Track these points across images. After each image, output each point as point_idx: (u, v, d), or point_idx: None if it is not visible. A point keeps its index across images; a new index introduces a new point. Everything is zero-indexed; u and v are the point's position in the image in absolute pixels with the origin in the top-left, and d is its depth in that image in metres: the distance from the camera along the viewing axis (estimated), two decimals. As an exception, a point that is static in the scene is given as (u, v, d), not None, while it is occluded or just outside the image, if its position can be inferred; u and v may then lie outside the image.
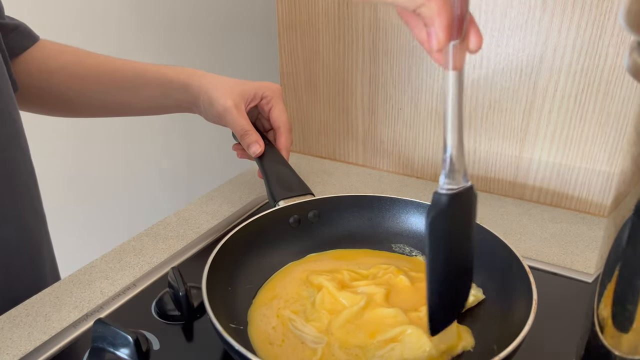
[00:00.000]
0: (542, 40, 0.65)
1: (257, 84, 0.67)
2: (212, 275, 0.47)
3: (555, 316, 0.50)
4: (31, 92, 0.66)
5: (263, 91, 0.67)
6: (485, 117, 0.73)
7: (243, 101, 0.65)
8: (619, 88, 0.64)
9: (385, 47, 0.75)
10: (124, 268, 0.61)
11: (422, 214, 0.59)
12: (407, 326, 0.46)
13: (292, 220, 0.58)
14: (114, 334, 0.46)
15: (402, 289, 0.52)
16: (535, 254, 0.63)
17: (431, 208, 0.39)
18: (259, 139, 0.65)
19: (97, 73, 0.68)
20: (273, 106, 0.67)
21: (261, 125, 0.71)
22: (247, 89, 0.66)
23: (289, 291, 0.52)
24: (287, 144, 0.67)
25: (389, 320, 0.47)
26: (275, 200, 0.60)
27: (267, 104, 0.67)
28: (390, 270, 0.53)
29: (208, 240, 0.65)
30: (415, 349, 0.44)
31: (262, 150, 0.64)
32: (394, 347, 0.44)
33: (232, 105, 0.63)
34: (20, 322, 0.53)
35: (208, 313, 0.42)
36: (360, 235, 0.59)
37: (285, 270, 0.56)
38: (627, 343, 0.33)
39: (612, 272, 0.34)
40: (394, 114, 0.79)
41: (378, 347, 0.45)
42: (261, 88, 0.67)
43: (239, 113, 0.64)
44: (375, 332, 0.46)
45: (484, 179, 0.76)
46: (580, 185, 0.71)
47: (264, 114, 0.69)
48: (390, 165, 0.83)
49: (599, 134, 0.67)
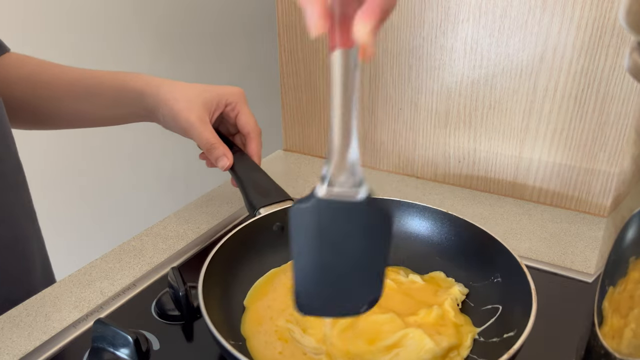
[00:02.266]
0: (542, 40, 0.65)
1: (219, 91, 0.64)
2: (207, 293, 0.45)
3: (555, 316, 0.50)
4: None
5: (226, 98, 0.64)
6: (486, 117, 0.73)
7: (207, 112, 0.63)
8: (619, 88, 0.64)
9: (385, 47, 0.75)
10: (124, 268, 0.61)
11: (409, 214, 0.58)
12: (407, 330, 0.46)
13: (275, 228, 0.57)
14: (113, 334, 0.46)
15: (389, 293, 0.51)
16: (536, 254, 0.63)
17: (297, 209, 0.34)
18: (227, 152, 0.62)
19: (54, 82, 0.66)
20: (239, 112, 0.65)
21: (225, 130, 0.69)
22: (209, 98, 0.63)
23: (279, 302, 0.51)
24: (258, 150, 0.65)
25: (386, 326, 0.47)
26: (255, 208, 0.58)
27: (233, 110, 0.65)
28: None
29: (208, 240, 0.65)
30: (419, 351, 0.44)
31: (231, 163, 0.62)
32: (398, 353, 0.44)
33: (196, 119, 0.61)
34: (21, 322, 0.53)
35: (213, 334, 0.41)
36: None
37: (270, 277, 0.54)
38: (627, 344, 0.33)
39: (612, 272, 0.34)
40: (394, 114, 0.79)
41: (381, 354, 0.44)
42: (224, 95, 0.64)
43: (203, 126, 0.61)
44: (374, 339, 0.46)
45: (484, 179, 0.76)
46: (581, 186, 0.71)
47: (229, 120, 0.67)
48: (390, 165, 0.83)
49: (599, 134, 0.67)
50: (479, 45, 0.69)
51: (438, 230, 0.57)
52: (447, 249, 0.56)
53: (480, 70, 0.70)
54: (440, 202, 0.74)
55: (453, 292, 0.52)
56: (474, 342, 0.47)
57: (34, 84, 0.66)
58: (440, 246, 0.56)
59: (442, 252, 0.56)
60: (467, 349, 0.46)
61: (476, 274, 0.53)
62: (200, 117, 0.61)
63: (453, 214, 0.56)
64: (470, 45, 0.70)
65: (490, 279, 0.52)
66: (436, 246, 0.57)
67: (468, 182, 0.78)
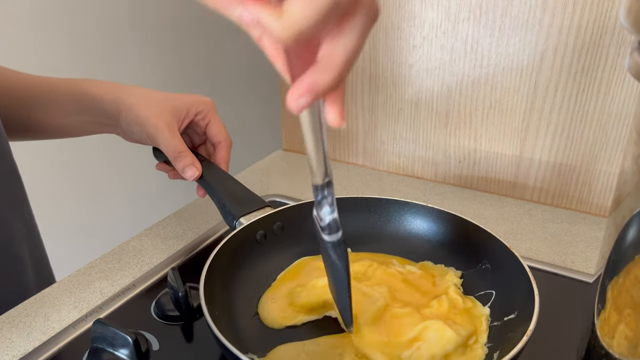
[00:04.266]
0: (542, 39, 0.65)
1: (188, 99, 0.62)
2: (210, 306, 0.44)
3: (556, 317, 0.50)
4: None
5: (197, 106, 0.62)
6: (486, 117, 0.72)
7: (175, 120, 0.60)
8: (619, 88, 0.63)
9: (385, 47, 0.75)
10: (123, 268, 0.60)
11: (390, 211, 0.59)
12: (427, 322, 0.46)
13: (258, 237, 0.56)
14: (113, 335, 0.46)
15: (397, 285, 0.52)
16: (536, 254, 0.63)
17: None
18: (195, 161, 0.59)
19: (13, 89, 0.64)
20: (210, 121, 0.63)
21: (189, 141, 0.66)
22: (178, 106, 0.60)
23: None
24: (227, 159, 0.63)
25: (405, 319, 0.47)
26: (235, 217, 0.56)
27: (203, 119, 0.63)
28: (375, 267, 0.54)
29: (208, 240, 0.65)
30: (441, 341, 0.45)
31: (200, 173, 0.59)
32: (420, 346, 0.45)
33: (165, 125, 0.58)
34: (20, 322, 0.53)
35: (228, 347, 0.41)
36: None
37: (274, 288, 0.54)
38: (628, 344, 0.33)
39: (613, 272, 0.34)
40: (394, 114, 0.79)
41: (405, 348, 0.45)
42: (194, 103, 0.62)
43: (171, 133, 0.58)
44: (397, 333, 0.46)
45: (485, 179, 0.76)
46: (581, 186, 0.70)
47: (198, 130, 0.65)
48: (390, 165, 0.83)
49: (600, 134, 0.67)
50: (479, 44, 0.69)
51: (424, 224, 0.58)
52: (433, 240, 0.57)
53: (481, 69, 0.70)
54: (440, 202, 0.74)
55: (450, 278, 0.53)
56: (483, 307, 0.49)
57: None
58: (425, 238, 0.58)
59: (428, 244, 0.57)
60: (485, 333, 0.47)
61: (464, 262, 0.55)
62: (168, 124, 0.59)
63: (435, 207, 0.57)
64: (470, 44, 0.69)
65: (478, 266, 0.53)
66: (421, 238, 0.58)
67: (468, 182, 0.78)
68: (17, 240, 0.61)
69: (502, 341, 0.45)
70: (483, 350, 0.45)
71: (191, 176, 0.59)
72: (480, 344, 0.46)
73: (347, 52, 0.29)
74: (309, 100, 0.28)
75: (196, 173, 0.59)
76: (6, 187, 0.59)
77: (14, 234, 0.60)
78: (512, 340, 0.41)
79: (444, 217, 0.57)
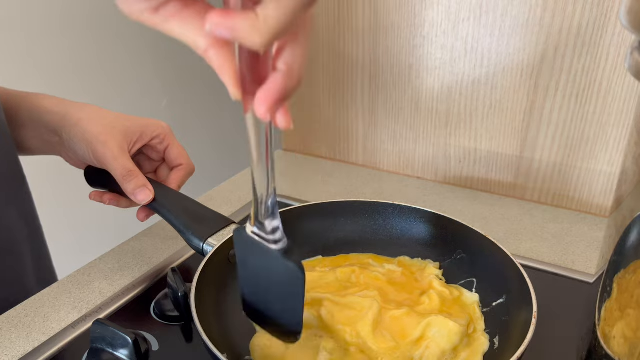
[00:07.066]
0: (543, 39, 0.65)
1: (142, 122, 0.58)
2: (205, 328, 0.42)
3: (556, 317, 0.50)
4: None
5: (152, 130, 0.58)
6: (486, 117, 0.72)
7: (126, 142, 0.56)
8: (620, 88, 0.63)
9: (385, 47, 0.75)
10: (123, 269, 0.60)
11: (360, 213, 0.59)
12: (429, 319, 0.46)
13: (231, 254, 0.52)
14: (112, 335, 0.46)
15: (383, 286, 0.52)
16: (537, 254, 0.63)
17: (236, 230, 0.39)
18: (147, 183, 0.55)
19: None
20: (170, 145, 0.60)
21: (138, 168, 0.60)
22: (131, 128, 0.57)
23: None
24: (182, 182, 0.60)
25: (405, 320, 0.47)
26: (202, 239, 0.53)
27: (161, 143, 0.59)
28: (358, 273, 0.53)
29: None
30: (447, 335, 0.45)
31: (153, 196, 0.55)
32: (429, 345, 0.44)
33: (115, 145, 0.54)
34: (19, 322, 0.53)
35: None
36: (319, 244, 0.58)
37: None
38: (628, 344, 0.33)
39: (613, 272, 0.34)
40: (394, 114, 0.79)
41: (414, 349, 0.45)
42: (149, 127, 0.58)
43: (122, 154, 0.54)
44: (401, 335, 0.46)
45: (485, 179, 0.76)
46: (582, 186, 0.70)
47: (152, 155, 0.61)
48: (390, 165, 0.83)
49: (600, 134, 0.67)
50: (479, 44, 0.69)
51: (394, 221, 0.58)
52: (406, 236, 0.58)
53: (481, 69, 0.70)
54: (440, 202, 0.74)
55: (430, 271, 0.53)
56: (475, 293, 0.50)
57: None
58: (397, 234, 0.58)
59: (401, 240, 0.58)
60: (481, 320, 0.48)
61: (439, 254, 0.56)
62: (119, 144, 0.55)
63: (402, 204, 0.58)
64: (470, 44, 0.69)
65: (453, 256, 0.55)
66: (394, 235, 0.58)
67: (469, 182, 0.78)
68: (19, 241, 0.61)
69: (498, 326, 0.46)
70: (485, 337, 0.46)
71: (143, 199, 0.54)
72: (480, 331, 0.47)
73: (305, 55, 0.29)
74: (280, 106, 0.29)
75: (150, 195, 0.54)
76: (10, 187, 0.59)
77: (15, 234, 0.60)
78: (512, 324, 0.42)
79: (414, 213, 0.57)
